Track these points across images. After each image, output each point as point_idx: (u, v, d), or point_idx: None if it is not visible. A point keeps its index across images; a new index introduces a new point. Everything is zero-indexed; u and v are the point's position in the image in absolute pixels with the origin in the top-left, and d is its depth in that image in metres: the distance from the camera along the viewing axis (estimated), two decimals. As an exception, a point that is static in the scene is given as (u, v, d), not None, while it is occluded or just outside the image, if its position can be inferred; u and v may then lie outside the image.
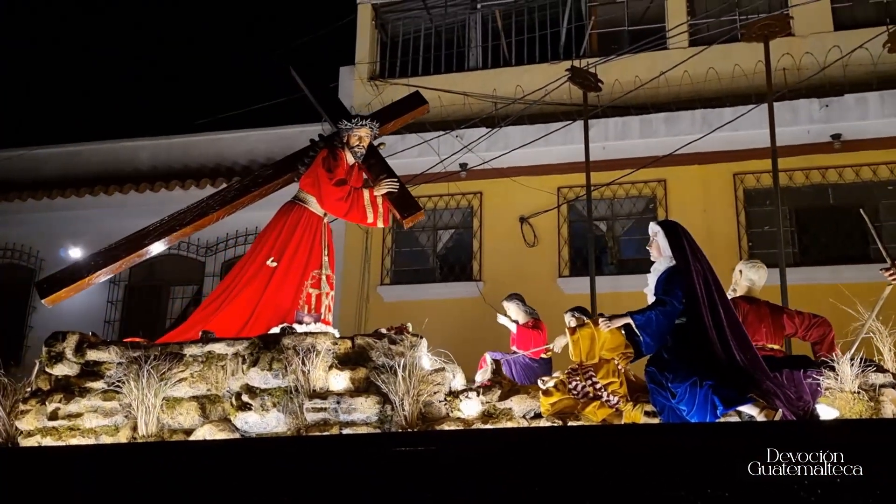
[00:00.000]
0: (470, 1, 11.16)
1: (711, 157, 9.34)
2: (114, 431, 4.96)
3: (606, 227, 10.10)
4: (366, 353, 5.00)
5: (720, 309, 4.62)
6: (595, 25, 10.69)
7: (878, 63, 8.62)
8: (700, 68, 9.31)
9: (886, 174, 9.16)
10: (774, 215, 7.72)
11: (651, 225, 5.10)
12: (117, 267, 5.91)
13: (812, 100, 8.97)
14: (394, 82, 10.82)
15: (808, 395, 4.53)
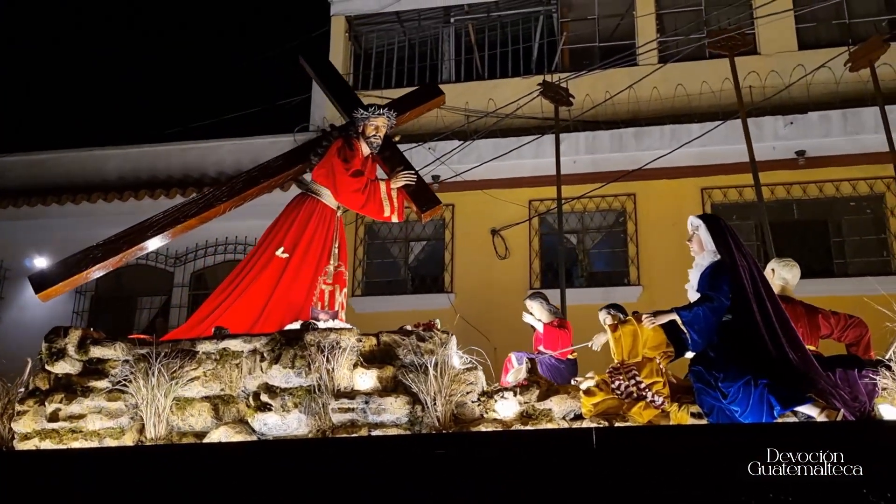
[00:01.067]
0: (443, 14, 11.25)
1: (680, 172, 9.48)
2: (119, 434, 4.64)
3: (577, 240, 10.19)
4: (392, 351, 4.71)
5: (768, 305, 4.41)
6: (567, 41, 10.83)
7: (840, 82, 8.84)
8: (669, 85, 9.48)
9: (849, 190, 9.38)
10: (747, 229, 7.83)
11: (691, 218, 4.84)
12: (117, 261, 5.46)
13: (777, 117, 9.17)
14: (366, 94, 10.81)
15: (864, 395, 4.33)
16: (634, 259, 9.70)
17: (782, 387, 4.09)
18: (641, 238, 9.72)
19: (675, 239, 9.50)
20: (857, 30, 9.74)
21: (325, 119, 10.87)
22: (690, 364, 4.50)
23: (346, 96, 6.30)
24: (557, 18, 10.85)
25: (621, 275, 9.81)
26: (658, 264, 9.50)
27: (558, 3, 10.86)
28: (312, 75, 6.61)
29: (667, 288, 9.09)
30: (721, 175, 9.57)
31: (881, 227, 9.30)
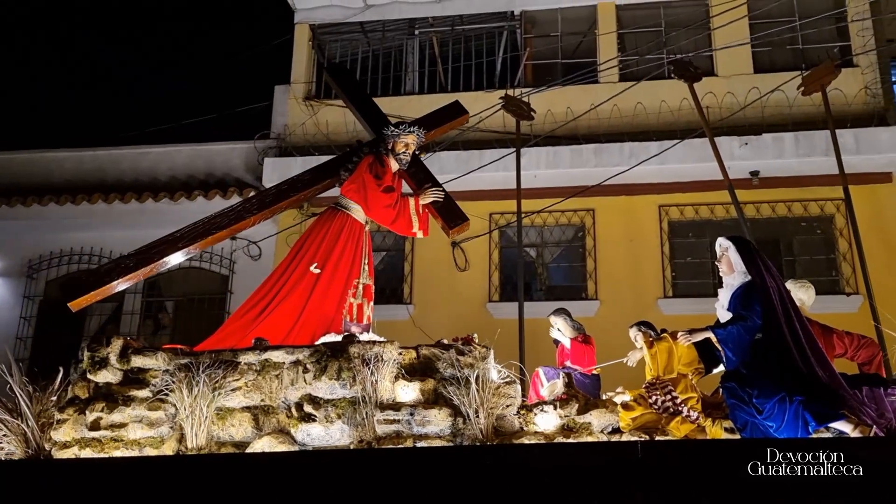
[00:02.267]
0: (408, 26, 11.28)
1: (638, 189, 9.62)
2: (158, 443, 4.64)
3: (536, 254, 10.25)
4: (432, 364, 4.80)
5: (797, 325, 4.56)
6: (530, 56, 10.94)
7: (793, 105, 9.07)
8: (629, 102, 9.62)
9: (800, 211, 9.61)
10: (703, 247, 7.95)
11: (721, 240, 4.94)
12: (148, 271, 5.49)
13: (733, 137, 9.36)
14: (329, 103, 10.80)
15: (890, 412, 4.44)
16: (592, 274, 9.79)
17: (817, 403, 4.22)
18: (599, 253, 9.82)
19: (633, 254, 9.67)
20: (810, 55, 10.01)
21: (286, 127, 10.81)
22: (723, 381, 4.64)
23: (372, 111, 6.34)
24: (521, 34, 10.96)
25: (579, 289, 9.89)
26: (615, 279, 9.61)
27: (522, 20, 10.97)
28: (337, 89, 6.60)
29: (623, 303, 9.24)
30: (678, 193, 9.74)
31: (831, 248, 9.55)
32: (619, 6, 10.74)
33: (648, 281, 9.55)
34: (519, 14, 10.96)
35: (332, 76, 6.53)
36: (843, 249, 9.33)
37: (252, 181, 10.60)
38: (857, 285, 8.97)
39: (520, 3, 10.94)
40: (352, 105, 6.43)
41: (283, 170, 10.25)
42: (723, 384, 4.63)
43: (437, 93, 10.77)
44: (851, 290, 9.06)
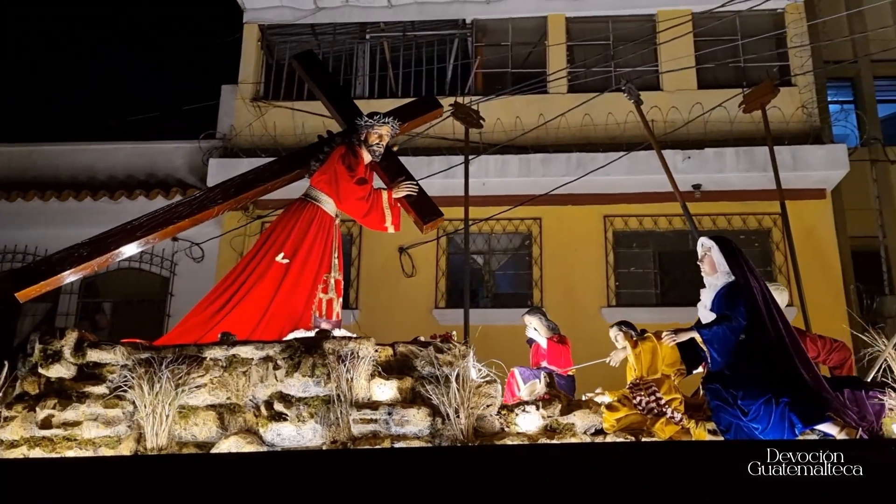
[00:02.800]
0: (359, 30, 11.23)
1: (584, 199, 9.76)
2: (115, 443, 4.39)
3: (483, 261, 10.30)
4: (409, 362, 4.64)
5: (781, 326, 4.52)
6: (481, 65, 11.00)
7: (734, 122, 9.33)
8: (577, 114, 9.74)
9: (739, 224, 9.87)
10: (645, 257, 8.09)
11: (703, 240, 4.90)
12: (103, 261, 5.20)
13: (676, 151, 9.57)
14: (277, 105, 10.68)
15: (871, 415, 4.45)
16: (538, 282, 9.87)
17: (803, 405, 4.19)
18: (545, 261, 9.92)
19: (578, 263, 9.79)
20: (751, 74, 10.31)
21: (232, 128, 10.63)
22: (706, 382, 4.60)
23: (344, 102, 6.15)
24: (472, 42, 11.02)
25: (525, 297, 9.96)
26: (560, 288, 9.71)
27: (473, 28, 11.03)
28: (306, 78, 6.38)
29: (568, 311, 9.33)
30: (623, 203, 9.91)
31: (767, 261, 9.83)
32: (570, 18, 10.90)
33: (593, 290, 9.69)
34: (470, 22, 11.03)
35: (301, 64, 6.32)
36: (780, 262, 9.61)
37: (195, 182, 10.39)
38: (791, 297, 9.27)
39: (471, 11, 11.01)
40: (322, 94, 6.22)
41: (229, 171, 10.02)
42: (706, 385, 4.58)
43: (387, 98, 10.72)
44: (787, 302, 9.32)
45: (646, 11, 10.70)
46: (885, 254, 10.41)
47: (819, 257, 9.37)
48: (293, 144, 10.21)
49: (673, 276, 9.95)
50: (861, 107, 11.15)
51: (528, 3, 10.90)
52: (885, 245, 10.45)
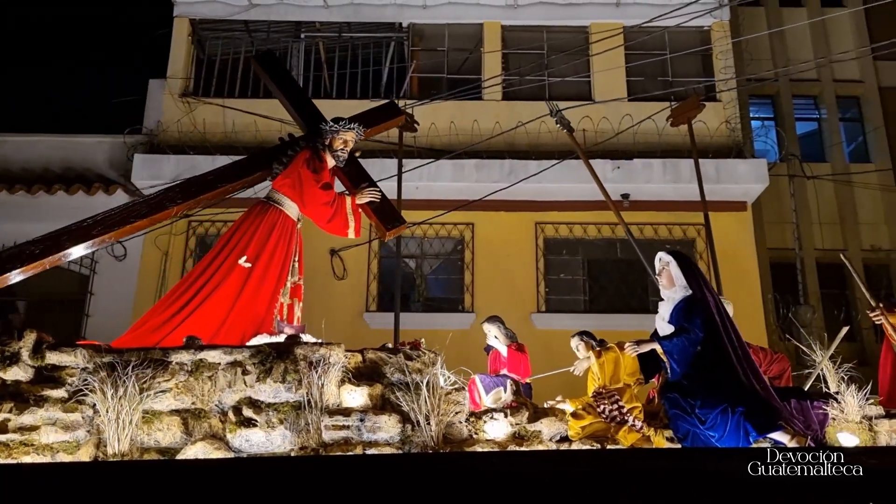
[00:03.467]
0: (294, 29, 11.08)
1: (516, 206, 9.86)
2: (74, 448, 4.24)
3: (416, 265, 10.28)
4: (379, 369, 4.65)
5: (734, 338, 4.72)
6: (416, 69, 11.00)
7: (662, 134, 9.59)
8: (511, 121, 9.85)
9: (665, 234, 10.14)
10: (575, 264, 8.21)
11: (661, 254, 5.04)
12: (55, 259, 5.03)
13: (606, 161, 9.77)
14: (207, 101, 10.44)
15: (816, 423, 4.69)
16: (470, 287, 9.92)
17: (756, 414, 4.40)
18: (477, 266, 9.97)
19: (509, 269, 9.88)
20: (679, 87, 10.62)
21: (159, 123, 10.34)
22: (664, 391, 4.75)
23: (306, 106, 6.08)
24: (408, 46, 11.02)
25: (456, 301, 10.00)
26: (491, 293, 9.78)
27: (410, 32, 11.03)
28: (266, 79, 6.27)
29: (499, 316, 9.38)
30: (554, 211, 10.05)
31: (691, 270, 10.11)
32: (505, 27, 11.02)
33: (523, 295, 9.79)
34: (407, 26, 11.03)
35: (261, 65, 6.22)
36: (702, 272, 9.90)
37: (116, 178, 10.05)
38: (713, 306, 9.57)
39: (408, 15, 11.00)
40: (282, 96, 6.14)
41: (155, 167, 9.82)
42: (665, 394, 4.74)
43: (321, 98, 10.60)
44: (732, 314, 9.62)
45: (579, 23, 10.91)
46: (801, 265, 10.87)
47: (739, 267, 9.71)
48: (223, 142, 10.01)
49: (601, 284, 10.15)
50: (781, 124, 11.63)
51: (465, 10, 10.97)
52: (800, 257, 10.91)
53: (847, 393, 4.79)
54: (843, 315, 9.85)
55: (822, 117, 11.94)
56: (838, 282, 11.03)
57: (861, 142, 11.93)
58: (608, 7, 10.81)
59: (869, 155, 11.71)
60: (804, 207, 11.15)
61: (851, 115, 12.07)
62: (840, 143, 11.66)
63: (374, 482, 3.40)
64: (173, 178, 9.63)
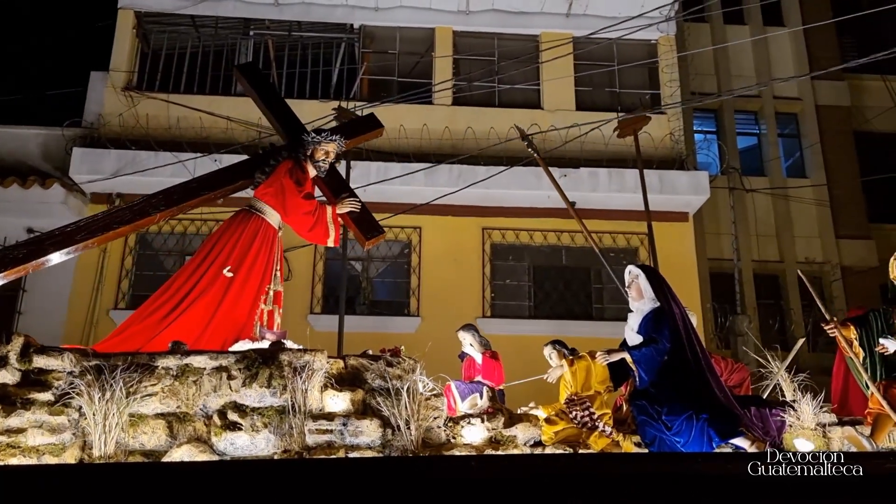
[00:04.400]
0: (242, 26, 10.91)
1: (464, 211, 9.89)
2: (59, 451, 4.29)
3: (362, 268, 10.22)
4: (360, 375, 4.78)
5: (697, 348, 4.93)
6: (367, 71, 10.95)
7: (608, 144, 9.74)
8: (460, 126, 9.89)
9: (610, 242, 10.30)
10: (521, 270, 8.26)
11: (631, 268, 5.26)
12: (38, 264, 5.08)
13: (554, 168, 9.85)
14: (151, 96, 10.20)
15: (774, 430, 4.93)
16: (416, 290, 9.90)
17: (719, 421, 4.64)
18: (424, 270, 9.96)
19: (456, 274, 9.89)
20: (626, 99, 10.82)
21: (100, 117, 10.06)
22: (633, 399, 4.97)
23: (287, 115, 6.15)
24: (359, 48, 10.95)
25: (402, 305, 9.97)
26: (437, 297, 9.77)
27: (361, 34, 10.97)
28: (248, 90, 6.29)
29: (443, 320, 9.39)
30: (501, 217, 10.12)
31: (634, 278, 10.28)
32: (457, 32, 11.05)
33: (469, 300, 9.81)
34: (358, 28, 10.96)
35: (243, 74, 6.28)
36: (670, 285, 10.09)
37: (51, 170, 9.74)
38: (654, 314, 9.75)
39: (360, 17, 10.94)
40: (264, 106, 6.23)
41: (94, 162, 9.56)
42: (633, 402, 4.97)
43: (269, 97, 10.47)
44: (696, 325, 9.81)
45: (530, 32, 11.01)
46: (739, 276, 11.17)
47: (680, 276, 9.89)
48: (167, 138, 9.80)
49: (546, 290, 10.25)
50: (722, 138, 11.96)
51: (417, 14, 10.96)
52: (738, 268, 11.20)
53: (803, 401, 5.02)
54: (777, 325, 10.18)
55: (762, 132, 12.31)
56: (774, 292, 11.38)
57: (798, 157, 12.35)
58: (558, 17, 10.94)
59: (805, 170, 12.12)
60: (743, 219, 11.46)
61: (790, 131, 12.48)
62: (778, 158, 12.03)
63: (363, 485, 3.44)
64: (113, 172, 9.40)
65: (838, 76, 12.21)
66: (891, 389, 5.04)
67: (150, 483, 3.43)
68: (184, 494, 3.29)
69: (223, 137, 9.69)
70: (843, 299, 10.96)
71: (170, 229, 9.91)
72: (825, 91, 12.30)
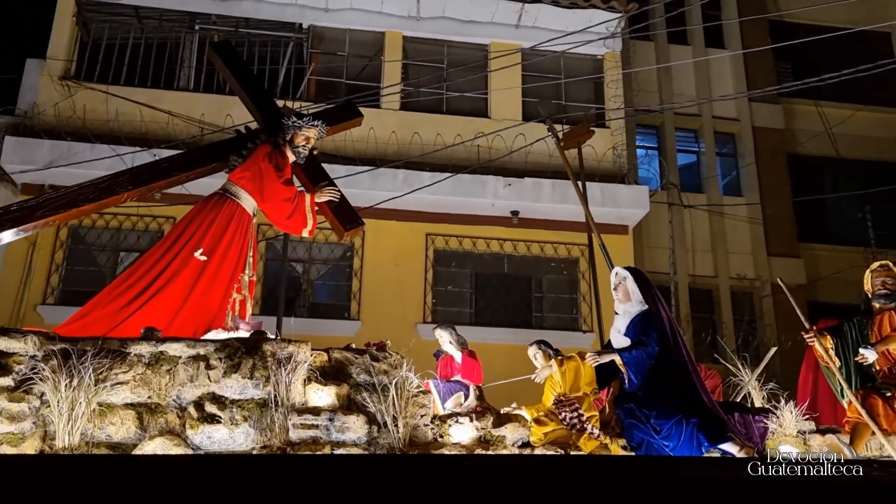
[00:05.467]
0: (188, 20, 10.70)
1: (408, 216, 9.88)
2: (18, 441, 4.00)
3: (303, 270, 10.10)
4: (345, 369, 4.60)
5: (684, 352, 4.89)
6: (315, 72, 10.85)
7: (552, 155, 9.85)
8: (407, 131, 9.88)
9: (552, 252, 10.42)
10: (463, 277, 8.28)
11: (618, 269, 5.22)
12: None
13: (499, 178, 9.96)
14: (90, 86, 9.91)
15: (757, 436, 4.95)
16: (357, 294, 9.83)
17: (708, 426, 4.63)
18: (366, 274, 9.91)
19: (397, 278, 9.86)
20: (571, 111, 10.98)
21: (35, 105, 9.72)
22: (620, 401, 4.92)
23: (264, 99, 5.91)
24: (307, 48, 10.85)
25: (343, 308, 9.89)
26: (378, 301, 9.73)
27: (310, 34, 10.88)
28: (223, 70, 6.02)
29: (384, 325, 9.35)
30: (445, 224, 10.14)
31: (574, 288, 10.45)
32: (407, 37, 11.05)
33: (410, 305, 9.80)
34: (307, 28, 10.87)
35: (218, 54, 5.99)
36: (584, 291, 10.25)
37: (-23, 159, 9.36)
38: (592, 324, 9.90)
39: (309, 17, 10.85)
40: (239, 88, 5.94)
41: (27, 152, 9.25)
42: (620, 405, 4.93)
43: (213, 93, 10.30)
44: (588, 328, 9.96)
45: (480, 41, 11.09)
46: (675, 289, 11.42)
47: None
48: (104, 131, 9.54)
49: (487, 297, 10.30)
50: (663, 154, 12.24)
51: (368, 17, 10.93)
52: (675, 282, 11.46)
53: (785, 409, 5.13)
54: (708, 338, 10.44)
55: (701, 151, 12.65)
56: (707, 306, 11.68)
57: (734, 176, 12.73)
58: (508, 28, 11.05)
59: (740, 189, 12.50)
60: (680, 234, 11.75)
61: (727, 150, 12.86)
62: (716, 175, 12.38)
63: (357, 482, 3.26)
64: (47, 163, 9.09)
65: (774, 99, 12.66)
66: (868, 398, 5.14)
67: (123, 476, 3.17)
68: (161, 490, 3.04)
69: (163, 133, 9.48)
70: (772, 314, 11.32)
71: (104, 224, 9.63)
72: (762, 113, 12.73)
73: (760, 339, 10.91)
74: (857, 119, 12.76)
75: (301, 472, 3.39)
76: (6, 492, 2.96)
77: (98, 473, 3.23)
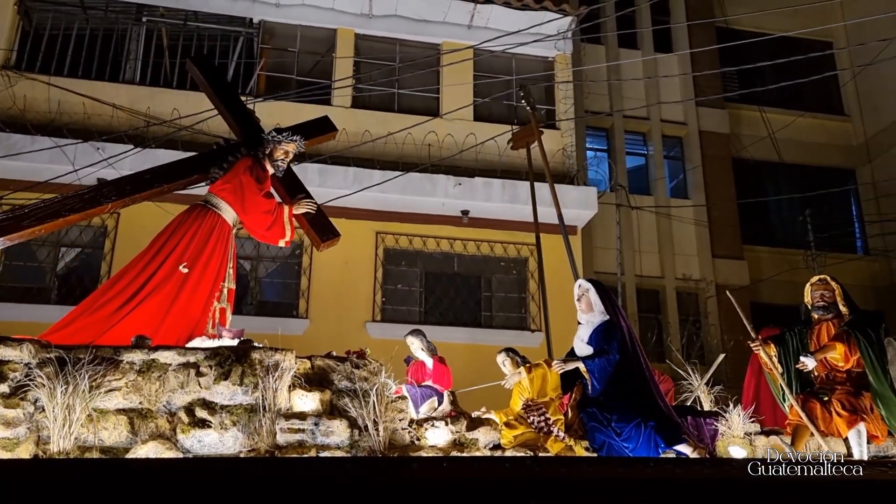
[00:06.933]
0: (135, 11, 10.49)
1: (358, 214, 9.84)
2: (13, 445, 4.15)
3: (250, 267, 9.99)
4: (327, 376, 4.84)
5: (642, 360, 5.22)
6: (265, 67, 10.75)
7: (503, 155, 9.94)
8: (358, 129, 9.84)
9: (501, 251, 10.49)
10: (413, 275, 8.28)
11: (581, 282, 5.51)
12: None
13: (449, 177, 9.99)
14: (31, 77, 9.67)
15: (708, 438, 5.27)
16: (305, 292, 9.76)
17: (664, 428, 4.93)
18: (315, 273, 9.84)
19: (347, 277, 9.82)
20: (522, 113, 11.06)
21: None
22: (582, 406, 5.19)
23: (242, 112, 6.07)
24: (258, 43, 10.73)
25: (290, 306, 9.81)
26: (327, 300, 9.68)
27: (260, 29, 10.76)
28: (201, 82, 6.09)
29: (333, 323, 9.33)
30: (395, 222, 10.13)
31: (523, 288, 10.54)
32: (359, 35, 11.02)
33: (359, 304, 9.77)
34: (258, 23, 10.75)
35: (197, 66, 6.10)
36: (533, 290, 10.34)
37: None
38: (540, 323, 10.00)
39: (260, 12, 10.74)
40: (218, 101, 6.11)
41: (-37, 143, 8.94)
42: (583, 409, 5.20)
43: (160, 86, 10.14)
44: (536, 327, 10.05)
45: (432, 40, 11.11)
46: (622, 290, 11.60)
47: (568, 288, 10.10)
48: (45, 122, 9.30)
49: (437, 296, 10.33)
50: (612, 156, 12.43)
51: (319, 14, 10.86)
52: (622, 282, 11.64)
53: (733, 412, 5.39)
54: (654, 338, 10.64)
55: (650, 153, 12.88)
56: (654, 306, 11.89)
57: (681, 179, 12.99)
58: (460, 28, 11.09)
59: (687, 191, 12.76)
60: (628, 235, 11.94)
61: (675, 153, 13.11)
62: (663, 178, 12.62)
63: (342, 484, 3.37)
64: (-16, 155, 8.82)
65: (720, 105, 12.95)
66: (808, 402, 5.48)
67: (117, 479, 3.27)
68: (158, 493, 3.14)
69: (107, 125, 9.27)
70: (716, 314, 11.58)
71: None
72: (708, 118, 13.01)
73: (704, 339, 11.16)
74: (799, 125, 13.15)
75: (289, 474, 3.50)
76: (6, 492, 3.05)
77: (93, 476, 3.32)
